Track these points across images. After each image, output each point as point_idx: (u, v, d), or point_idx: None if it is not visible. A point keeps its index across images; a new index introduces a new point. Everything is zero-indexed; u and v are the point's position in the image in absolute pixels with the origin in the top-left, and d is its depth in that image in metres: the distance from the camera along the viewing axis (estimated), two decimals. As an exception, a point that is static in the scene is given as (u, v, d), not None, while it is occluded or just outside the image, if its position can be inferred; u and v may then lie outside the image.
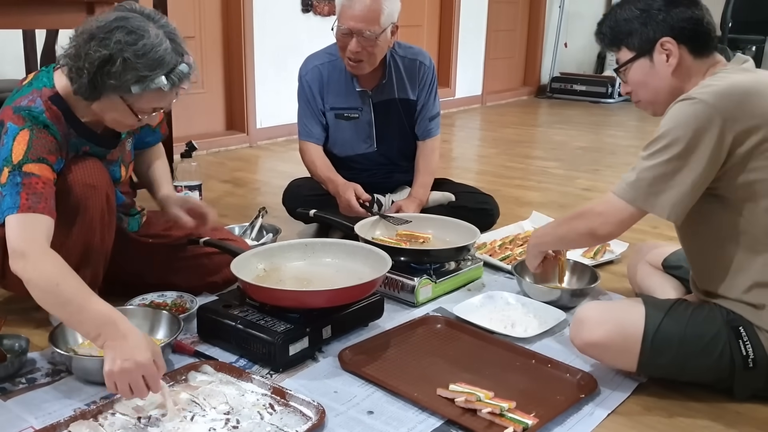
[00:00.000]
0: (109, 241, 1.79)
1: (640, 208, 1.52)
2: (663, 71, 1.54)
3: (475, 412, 1.44)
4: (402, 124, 2.61)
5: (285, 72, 4.56)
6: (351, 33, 2.33)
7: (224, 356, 1.68)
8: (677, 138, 1.44)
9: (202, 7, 4.28)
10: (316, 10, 4.73)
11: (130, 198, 2.00)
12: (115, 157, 1.83)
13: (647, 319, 1.52)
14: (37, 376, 1.59)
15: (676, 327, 1.51)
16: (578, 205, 3.20)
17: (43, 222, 1.51)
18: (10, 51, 3.13)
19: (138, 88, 1.53)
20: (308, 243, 1.98)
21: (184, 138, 3.37)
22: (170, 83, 1.55)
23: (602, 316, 1.58)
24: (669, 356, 1.51)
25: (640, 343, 1.51)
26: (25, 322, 1.83)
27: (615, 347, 1.55)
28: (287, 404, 1.46)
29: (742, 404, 1.55)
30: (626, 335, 1.53)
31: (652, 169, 1.48)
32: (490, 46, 6.64)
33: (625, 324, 1.54)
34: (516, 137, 5.17)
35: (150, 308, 1.82)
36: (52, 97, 1.63)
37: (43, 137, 1.58)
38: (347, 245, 1.97)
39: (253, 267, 1.83)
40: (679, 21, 1.53)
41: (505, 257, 2.35)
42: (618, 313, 1.59)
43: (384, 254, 1.86)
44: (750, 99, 1.43)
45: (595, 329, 1.56)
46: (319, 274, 1.86)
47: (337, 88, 2.54)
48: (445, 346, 1.77)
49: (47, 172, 1.57)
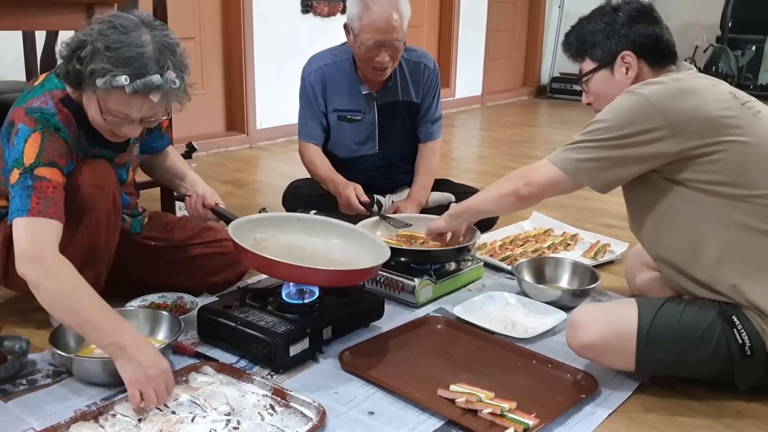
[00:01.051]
0: (114, 242, 1.79)
1: (574, 179, 1.59)
2: (622, 82, 1.63)
3: (475, 413, 1.44)
4: (405, 126, 2.61)
5: (285, 73, 4.56)
6: (378, 45, 2.34)
7: (225, 357, 1.68)
8: (615, 122, 1.53)
9: (202, 8, 4.28)
10: (316, 11, 4.74)
11: (134, 198, 2.00)
12: (123, 161, 1.84)
13: (640, 317, 1.53)
14: (38, 377, 1.59)
15: (669, 321, 1.51)
16: (578, 204, 3.21)
17: (53, 227, 1.51)
18: (10, 52, 3.13)
19: (101, 81, 1.50)
20: (300, 218, 1.98)
21: (184, 139, 3.36)
22: (133, 87, 1.49)
23: (596, 317, 1.59)
24: (665, 352, 1.51)
25: (635, 340, 1.51)
26: (26, 323, 1.83)
27: (611, 347, 1.55)
28: (288, 405, 1.46)
29: (743, 404, 1.55)
30: (621, 334, 1.53)
31: (594, 146, 1.55)
32: (489, 47, 6.64)
33: (618, 323, 1.55)
34: (516, 137, 5.18)
35: (150, 309, 1.82)
36: (63, 99, 1.64)
37: (54, 140, 1.59)
38: (340, 227, 1.96)
39: (247, 234, 1.79)
40: (640, 37, 1.62)
41: (506, 257, 2.35)
42: (611, 314, 1.60)
43: (381, 242, 1.87)
44: (681, 95, 1.50)
45: (590, 331, 1.56)
46: (312, 250, 1.85)
47: (341, 89, 2.53)
48: (445, 347, 1.77)
49: (57, 176, 1.57)
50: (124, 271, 1.91)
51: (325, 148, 2.61)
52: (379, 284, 2.05)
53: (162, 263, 1.98)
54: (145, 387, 1.39)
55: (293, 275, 1.67)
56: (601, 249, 2.48)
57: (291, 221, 1.94)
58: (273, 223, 1.91)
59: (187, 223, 2.10)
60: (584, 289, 2.05)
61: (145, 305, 1.88)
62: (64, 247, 1.52)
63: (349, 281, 1.75)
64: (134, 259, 1.93)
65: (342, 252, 1.86)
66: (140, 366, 1.39)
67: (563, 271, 2.18)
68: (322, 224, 1.95)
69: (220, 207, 1.91)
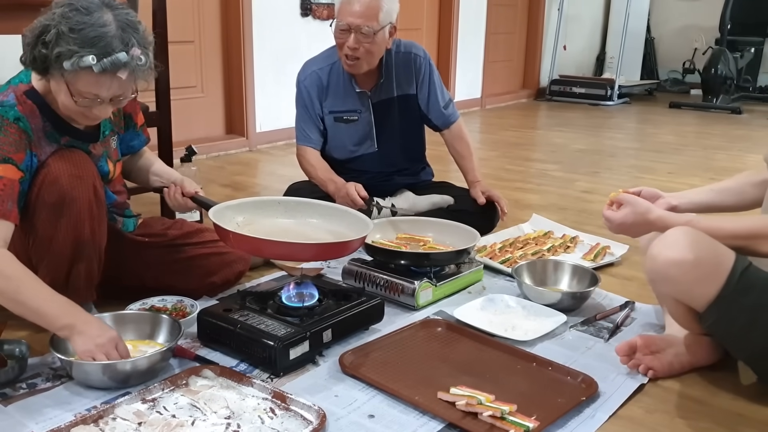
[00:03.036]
0: (101, 236, 1.77)
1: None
2: None
3: (476, 416, 1.44)
4: (403, 121, 2.62)
5: (284, 76, 4.56)
6: (349, 29, 2.35)
7: (225, 360, 1.68)
8: None
9: (202, 11, 4.29)
10: (315, 14, 4.74)
11: (123, 198, 2.00)
12: (99, 151, 1.82)
13: (738, 257, 1.48)
14: (38, 381, 1.59)
15: (761, 275, 1.48)
16: (578, 207, 3.20)
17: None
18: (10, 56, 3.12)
19: (68, 64, 1.51)
20: (281, 201, 2.00)
21: (183, 142, 3.37)
22: (101, 66, 1.50)
23: (695, 238, 1.51)
24: (749, 300, 1.46)
25: (728, 272, 1.46)
26: (26, 327, 1.82)
27: (702, 269, 1.48)
28: (288, 408, 1.46)
29: (744, 406, 1.55)
30: (718, 261, 1.48)
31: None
32: (489, 49, 6.65)
33: (717, 251, 1.49)
34: (515, 140, 5.18)
35: (150, 313, 1.82)
36: (28, 92, 1.66)
37: (12, 133, 1.59)
38: (324, 206, 1.99)
39: (229, 219, 1.80)
40: None
41: (506, 260, 2.35)
42: (710, 242, 1.51)
43: (364, 216, 1.90)
44: None
45: (687, 247, 1.48)
46: (296, 231, 1.87)
47: (336, 91, 2.54)
48: (445, 350, 1.77)
49: (11, 172, 1.58)
50: (122, 273, 1.91)
51: (323, 152, 2.61)
52: (378, 287, 2.05)
53: (159, 263, 1.97)
54: (96, 354, 1.51)
55: (279, 252, 1.70)
56: (601, 251, 2.48)
57: (272, 204, 1.97)
58: (254, 206, 1.93)
59: (184, 224, 2.11)
60: (584, 291, 2.05)
61: (145, 309, 1.88)
62: (49, 240, 1.59)
63: (336, 254, 1.77)
64: (130, 260, 1.93)
65: (326, 230, 1.88)
66: (89, 337, 1.51)
67: (563, 274, 2.18)
68: (304, 205, 1.98)
69: (200, 195, 1.92)
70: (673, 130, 5.69)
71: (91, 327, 1.53)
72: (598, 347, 1.80)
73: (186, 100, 4.15)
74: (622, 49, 7.19)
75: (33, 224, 1.65)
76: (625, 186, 1.89)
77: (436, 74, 2.63)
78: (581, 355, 1.75)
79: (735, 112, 6.58)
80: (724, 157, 4.58)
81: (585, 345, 1.81)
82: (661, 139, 5.24)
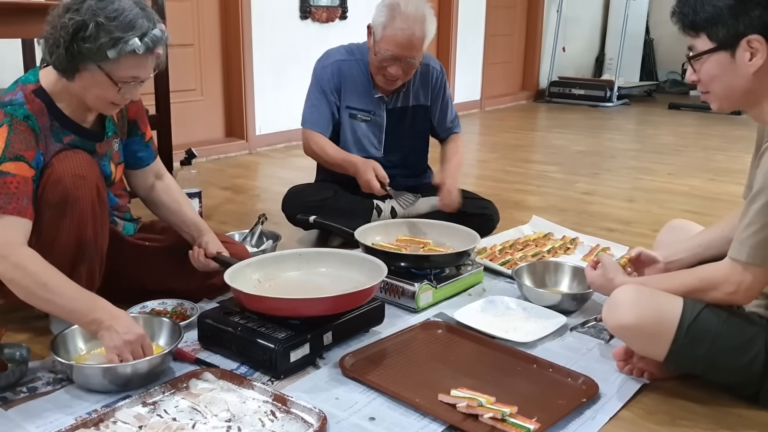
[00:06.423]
0: (103, 238, 1.77)
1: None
2: (743, 70, 1.41)
3: (476, 418, 1.44)
4: (413, 129, 2.64)
5: (284, 78, 4.58)
6: (394, 59, 2.37)
7: (225, 363, 1.68)
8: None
9: (201, 14, 4.29)
10: (315, 17, 4.75)
11: (124, 201, 2.00)
12: (103, 151, 1.83)
13: (685, 308, 1.48)
14: (38, 384, 1.58)
15: (713, 321, 1.47)
16: (578, 209, 3.20)
17: (13, 222, 1.55)
18: (10, 60, 3.13)
19: (114, 52, 1.55)
20: (302, 253, 1.97)
21: (183, 145, 3.37)
22: (145, 46, 1.56)
23: (639, 299, 1.53)
24: (702, 349, 1.48)
25: (675, 330, 1.47)
26: (26, 330, 1.83)
27: (648, 332, 1.51)
28: (288, 411, 1.46)
29: (744, 408, 1.54)
30: (662, 321, 1.49)
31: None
32: (488, 51, 6.65)
33: (662, 309, 1.50)
34: (515, 142, 5.18)
35: (150, 316, 1.82)
36: (36, 91, 1.67)
37: (22, 131, 1.60)
38: (342, 254, 1.97)
39: (247, 277, 1.82)
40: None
41: (506, 262, 2.35)
42: (655, 299, 1.53)
43: (379, 262, 1.85)
44: None
45: (630, 312, 1.51)
46: (314, 284, 1.85)
47: (355, 88, 2.55)
48: (446, 352, 1.77)
49: (24, 170, 1.59)
50: (122, 276, 1.91)
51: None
52: (379, 289, 2.05)
53: (159, 266, 1.97)
54: (123, 351, 1.52)
55: (288, 308, 1.67)
56: (600, 253, 2.48)
57: (293, 257, 1.95)
58: (275, 261, 1.93)
59: None
60: (584, 293, 2.05)
61: (146, 312, 1.88)
62: (51, 240, 1.59)
63: (351, 304, 1.74)
64: (131, 263, 1.93)
65: (347, 279, 1.85)
66: (117, 333, 1.52)
67: (563, 275, 2.18)
68: (322, 255, 1.96)
69: (222, 255, 1.92)
70: (673, 131, 5.69)
71: (119, 323, 1.54)
72: (599, 349, 1.80)
73: (186, 103, 4.15)
74: (621, 50, 7.20)
75: (37, 225, 1.65)
76: (624, 186, 1.89)
77: (448, 89, 2.68)
78: (582, 357, 1.75)
79: (734, 113, 6.58)
80: (723, 158, 4.59)
81: (585, 346, 1.81)
82: (661, 140, 5.25)
